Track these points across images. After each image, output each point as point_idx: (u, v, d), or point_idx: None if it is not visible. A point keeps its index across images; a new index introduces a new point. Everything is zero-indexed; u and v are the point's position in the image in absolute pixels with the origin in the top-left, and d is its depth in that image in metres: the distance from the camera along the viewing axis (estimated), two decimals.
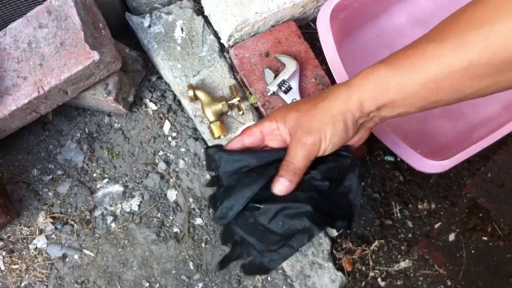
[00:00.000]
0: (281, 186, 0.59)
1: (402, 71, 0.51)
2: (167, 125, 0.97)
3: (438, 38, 0.49)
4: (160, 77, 1.00)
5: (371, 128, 0.61)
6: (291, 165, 0.59)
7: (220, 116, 0.91)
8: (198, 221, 0.93)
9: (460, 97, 0.51)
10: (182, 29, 0.97)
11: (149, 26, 0.97)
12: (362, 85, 0.54)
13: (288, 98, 0.91)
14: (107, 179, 0.95)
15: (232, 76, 0.96)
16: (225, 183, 0.65)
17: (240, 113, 0.92)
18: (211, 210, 0.93)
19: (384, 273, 0.92)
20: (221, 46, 0.98)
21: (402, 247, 0.93)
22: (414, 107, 0.54)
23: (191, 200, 0.94)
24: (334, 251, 0.91)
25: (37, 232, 0.92)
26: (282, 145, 0.63)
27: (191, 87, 0.91)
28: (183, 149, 0.96)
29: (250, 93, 0.95)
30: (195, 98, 0.91)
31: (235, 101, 0.91)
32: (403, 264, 0.92)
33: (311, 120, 0.56)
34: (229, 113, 0.93)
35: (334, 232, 0.92)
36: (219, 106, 0.89)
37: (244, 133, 0.63)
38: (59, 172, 0.95)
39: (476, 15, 0.46)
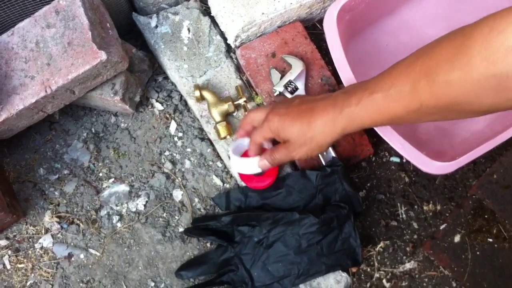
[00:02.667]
0: (264, 165, 0.78)
1: (372, 112, 0.63)
2: (173, 125, 0.97)
3: (398, 83, 0.59)
4: (166, 77, 1.00)
5: None
6: (276, 160, 0.76)
7: (226, 117, 0.92)
8: None
9: (421, 120, 0.62)
10: (188, 30, 0.97)
11: (156, 26, 0.97)
12: (343, 118, 0.65)
13: None
14: (113, 179, 0.95)
15: (239, 77, 0.96)
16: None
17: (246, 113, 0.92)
18: (216, 210, 0.93)
19: (389, 274, 0.92)
20: (228, 46, 0.98)
21: (408, 248, 0.93)
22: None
23: (196, 200, 0.94)
24: None
25: (43, 231, 0.92)
26: None
27: (197, 87, 0.91)
28: (189, 149, 0.96)
29: (256, 94, 0.95)
30: (201, 98, 0.91)
31: (241, 101, 0.91)
32: (408, 265, 0.92)
33: (301, 138, 0.70)
34: (235, 114, 0.93)
35: None
36: (225, 107, 0.90)
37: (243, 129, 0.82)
38: (66, 172, 0.96)
39: (425, 65, 0.55)
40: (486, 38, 0.47)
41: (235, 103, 0.91)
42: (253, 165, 0.80)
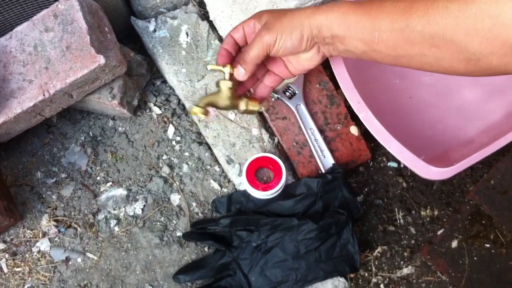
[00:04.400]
0: (239, 73, 0.70)
1: (359, 14, 0.60)
2: (171, 129, 0.97)
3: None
4: (164, 81, 1.00)
5: (324, 55, 0.70)
6: (246, 54, 0.68)
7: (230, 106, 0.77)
8: None
9: (395, 57, 0.60)
10: (187, 34, 0.97)
11: (154, 30, 0.97)
12: (327, 12, 0.62)
13: (292, 104, 0.91)
14: (110, 183, 0.95)
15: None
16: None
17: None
18: (214, 214, 0.93)
19: (387, 279, 0.92)
20: None
21: (405, 254, 0.93)
22: (359, 50, 0.63)
23: (194, 204, 0.94)
24: None
25: (41, 235, 0.92)
26: None
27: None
28: (187, 154, 0.96)
29: None
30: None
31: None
32: (405, 271, 0.92)
33: (276, 21, 0.66)
34: (233, 117, 0.93)
35: None
36: (242, 104, 0.77)
37: (231, 31, 0.73)
38: (63, 175, 0.95)
39: None
40: None
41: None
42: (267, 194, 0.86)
